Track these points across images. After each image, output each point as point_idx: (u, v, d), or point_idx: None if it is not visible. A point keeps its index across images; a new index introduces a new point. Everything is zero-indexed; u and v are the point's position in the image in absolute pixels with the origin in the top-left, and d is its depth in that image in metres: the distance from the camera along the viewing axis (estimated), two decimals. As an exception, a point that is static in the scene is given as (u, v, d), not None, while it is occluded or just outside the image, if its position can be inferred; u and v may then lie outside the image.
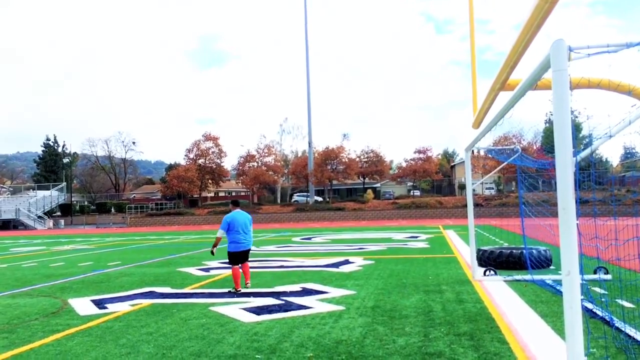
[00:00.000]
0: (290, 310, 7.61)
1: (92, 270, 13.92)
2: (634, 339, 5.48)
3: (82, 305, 8.61)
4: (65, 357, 5.62)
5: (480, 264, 11.11)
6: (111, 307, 8.41)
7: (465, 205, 11.47)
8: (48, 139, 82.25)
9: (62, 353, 5.77)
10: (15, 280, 12.37)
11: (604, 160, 44.35)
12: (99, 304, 8.74)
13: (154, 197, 77.81)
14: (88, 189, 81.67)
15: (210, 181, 66.38)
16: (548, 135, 55.02)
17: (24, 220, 59.84)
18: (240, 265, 9.66)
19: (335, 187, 67.70)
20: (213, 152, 65.64)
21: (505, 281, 9.68)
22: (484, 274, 10.30)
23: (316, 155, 61.29)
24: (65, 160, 78.73)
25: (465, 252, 15.27)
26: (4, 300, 9.45)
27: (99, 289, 10.46)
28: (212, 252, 9.68)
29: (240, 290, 9.38)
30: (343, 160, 60.61)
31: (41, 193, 68.12)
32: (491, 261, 11.26)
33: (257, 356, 5.39)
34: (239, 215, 9.66)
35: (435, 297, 8.38)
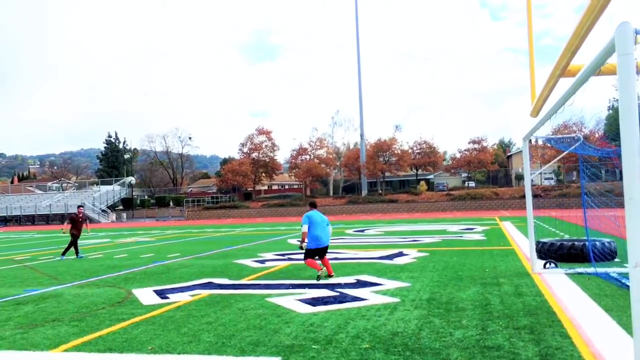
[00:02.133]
0: (345, 302, 7.66)
1: (154, 261, 14.46)
2: None
3: (145, 295, 8.97)
4: (132, 344, 5.89)
5: (540, 257, 10.79)
6: (172, 297, 8.72)
7: (523, 196, 11.15)
8: (110, 136, 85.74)
9: (128, 340, 6.04)
10: (83, 271, 13.01)
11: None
12: (161, 294, 9.07)
13: (209, 191, 79.78)
14: (148, 183, 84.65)
15: (263, 174, 67.42)
16: (612, 122, 52.58)
17: (89, 214, 62.78)
18: (317, 258, 10.08)
19: (387, 179, 67.27)
20: (266, 146, 66.61)
21: (566, 274, 9.37)
22: (544, 266, 10.00)
23: (368, 147, 61.06)
24: (126, 156, 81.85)
25: (523, 244, 14.86)
26: (73, 290, 9.97)
27: (161, 279, 10.86)
28: (301, 247, 10.04)
29: (321, 275, 9.80)
30: (395, 152, 60.12)
31: (104, 188, 71.21)
32: (551, 253, 10.91)
33: (313, 346, 5.47)
34: (317, 214, 10.04)
35: (492, 290, 8.22)
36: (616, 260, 10.47)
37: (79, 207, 18.80)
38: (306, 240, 9.89)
